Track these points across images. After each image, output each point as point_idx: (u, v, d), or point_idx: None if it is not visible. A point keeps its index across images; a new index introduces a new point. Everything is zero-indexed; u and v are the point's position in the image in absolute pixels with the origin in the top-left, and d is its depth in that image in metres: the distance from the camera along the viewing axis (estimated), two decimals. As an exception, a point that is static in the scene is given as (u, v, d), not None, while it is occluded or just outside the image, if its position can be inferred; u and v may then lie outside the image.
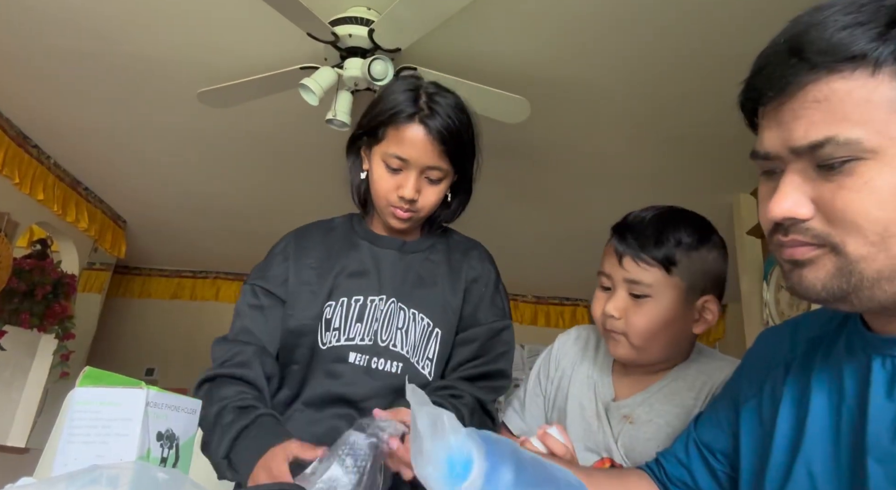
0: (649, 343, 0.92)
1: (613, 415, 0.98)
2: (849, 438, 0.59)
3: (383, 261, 1.10)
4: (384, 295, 1.06)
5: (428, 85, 1.06)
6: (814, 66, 0.53)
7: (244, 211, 4.16)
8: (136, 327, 5.25)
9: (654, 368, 0.99)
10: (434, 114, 1.01)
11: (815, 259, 0.55)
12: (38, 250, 3.92)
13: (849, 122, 0.52)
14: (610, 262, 0.95)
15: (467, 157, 1.09)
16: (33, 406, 3.92)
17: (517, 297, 5.38)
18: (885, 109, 0.51)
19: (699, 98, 2.76)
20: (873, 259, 0.52)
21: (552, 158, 3.38)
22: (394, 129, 1.02)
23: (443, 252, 1.14)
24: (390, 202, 1.05)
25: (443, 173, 1.05)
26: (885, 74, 0.51)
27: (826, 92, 0.53)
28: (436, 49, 2.54)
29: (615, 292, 0.93)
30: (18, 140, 3.44)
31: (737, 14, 2.29)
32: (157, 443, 0.75)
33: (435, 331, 1.05)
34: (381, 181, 1.05)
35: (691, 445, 0.81)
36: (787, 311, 3.11)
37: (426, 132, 1.01)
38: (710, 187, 3.52)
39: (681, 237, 0.91)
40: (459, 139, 1.04)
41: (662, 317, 0.90)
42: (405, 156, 1.02)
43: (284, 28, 2.29)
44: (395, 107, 1.02)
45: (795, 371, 0.68)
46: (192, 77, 2.83)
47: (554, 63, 2.63)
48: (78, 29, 2.61)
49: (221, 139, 3.42)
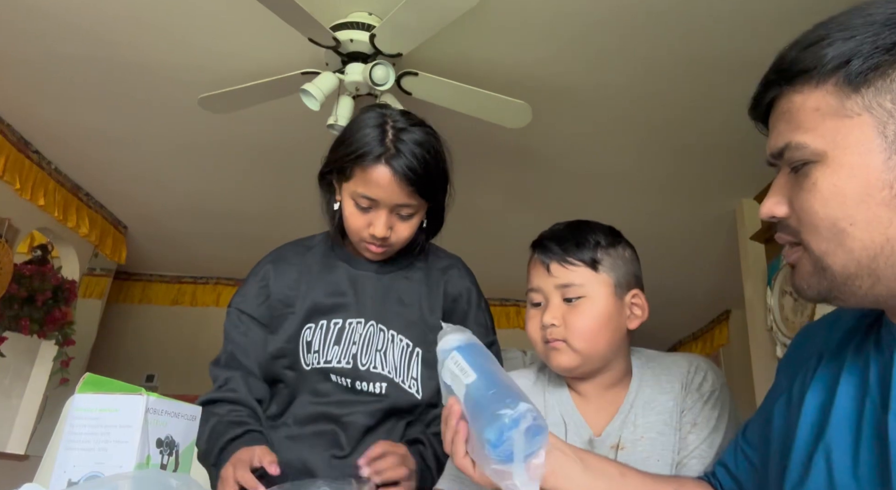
0: (591, 344, 0.92)
1: (601, 449, 0.95)
2: (871, 431, 0.60)
3: (361, 283, 1.11)
4: (363, 318, 1.08)
5: (396, 119, 1.05)
6: (781, 81, 0.60)
7: (245, 216, 4.15)
8: (136, 333, 5.23)
9: (605, 381, 0.97)
10: (400, 153, 1.00)
11: (799, 260, 0.61)
12: (39, 256, 3.92)
13: (801, 130, 0.58)
14: (537, 275, 0.97)
15: (438, 189, 1.09)
16: (33, 412, 3.90)
17: (519, 302, 5.36)
18: (829, 116, 0.57)
19: (702, 105, 2.76)
20: (834, 254, 0.57)
21: (554, 164, 3.38)
22: (360, 170, 1.02)
23: (421, 270, 1.15)
24: (363, 238, 1.06)
25: (414, 209, 1.06)
26: (829, 84, 0.57)
27: (788, 105, 0.60)
28: (437, 54, 2.54)
29: (549, 303, 0.95)
30: (19, 146, 3.44)
31: (742, 22, 2.29)
32: (157, 449, 0.74)
33: (415, 350, 1.07)
34: (352, 218, 1.05)
35: (739, 454, 0.82)
36: (792, 317, 3.10)
37: (393, 173, 1.00)
38: (713, 193, 3.52)
39: (598, 238, 0.97)
40: (427, 176, 1.03)
41: (600, 313, 0.93)
42: (373, 196, 1.02)
43: (286, 33, 2.30)
44: (360, 147, 1.01)
45: (827, 360, 0.69)
46: (193, 82, 2.83)
47: (556, 68, 2.63)
48: (79, 35, 2.61)
49: (222, 144, 3.42)
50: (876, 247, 0.56)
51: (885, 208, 0.55)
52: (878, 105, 0.55)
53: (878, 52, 0.55)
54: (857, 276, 0.57)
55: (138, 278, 5.44)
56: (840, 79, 0.56)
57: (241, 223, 4.28)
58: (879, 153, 0.55)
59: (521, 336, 5.72)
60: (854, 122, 0.56)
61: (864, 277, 0.57)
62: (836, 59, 0.56)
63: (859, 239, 0.56)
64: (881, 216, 0.55)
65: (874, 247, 0.56)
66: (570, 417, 0.98)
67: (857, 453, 0.61)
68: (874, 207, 0.55)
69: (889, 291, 0.57)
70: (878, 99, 0.55)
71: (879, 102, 0.55)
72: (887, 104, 0.55)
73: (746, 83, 0.67)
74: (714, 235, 3.89)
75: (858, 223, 0.56)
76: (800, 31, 0.61)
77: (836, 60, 0.56)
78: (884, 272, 0.56)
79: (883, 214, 0.55)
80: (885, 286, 0.57)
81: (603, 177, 3.49)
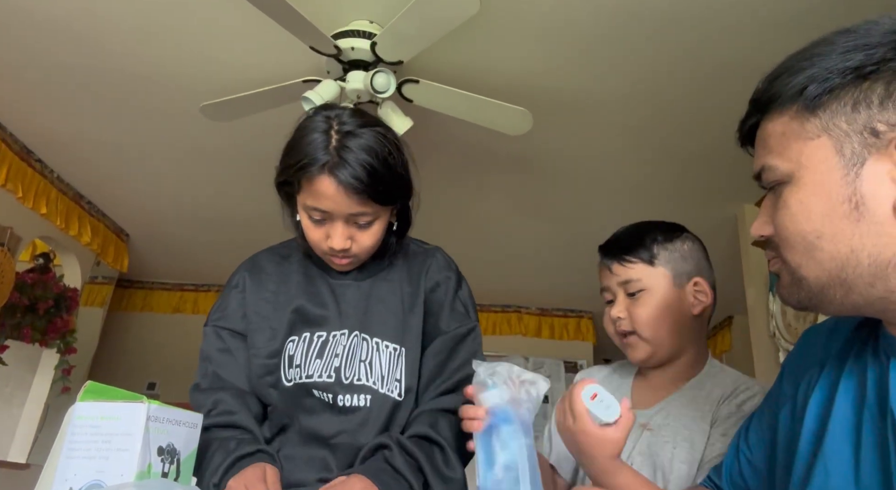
0: (655, 331, 1.01)
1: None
2: (871, 440, 0.61)
3: (341, 292, 1.06)
4: (346, 329, 1.02)
5: (343, 121, 0.96)
6: (755, 111, 0.66)
7: (246, 224, 4.15)
8: (138, 341, 5.23)
9: (674, 371, 1.05)
10: (343, 162, 0.92)
11: (780, 272, 0.65)
12: (41, 264, 3.92)
13: (772, 154, 0.63)
14: (604, 275, 1.07)
15: (393, 192, 0.99)
16: (34, 421, 3.89)
17: (521, 308, 5.35)
18: (793, 139, 0.61)
19: (703, 111, 2.77)
20: (806, 267, 0.61)
21: (556, 170, 3.38)
22: (307, 182, 0.95)
23: (401, 268, 1.09)
24: (324, 252, 1.01)
25: (371, 216, 0.98)
26: (791, 111, 0.62)
27: (762, 132, 0.66)
28: (438, 61, 2.55)
29: (616, 300, 1.05)
30: (22, 154, 3.45)
31: (744, 30, 2.29)
32: (158, 458, 0.74)
33: (401, 351, 1.02)
34: (310, 232, 1.00)
35: (742, 458, 0.83)
36: (794, 323, 3.09)
37: (338, 184, 0.92)
38: (715, 199, 3.52)
39: (655, 236, 1.05)
40: (378, 182, 0.94)
41: (660, 303, 1.01)
42: (324, 208, 0.95)
43: (287, 41, 2.30)
44: (303, 157, 0.94)
45: (828, 369, 0.71)
46: (194, 91, 2.84)
47: (557, 75, 2.64)
48: (82, 44, 2.62)
49: (224, 153, 3.42)
50: (842, 258, 0.59)
51: (847, 221, 0.58)
52: (835, 126, 0.59)
53: (832, 75, 0.59)
54: (830, 287, 0.60)
55: (140, 286, 5.44)
56: (800, 104, 0.61)
57: (242, 231, 4.28)
58: (838, 170, 0.59)
59: (522, 342, 5.67)
60: (815, 144, 0.60)
61: (836, 287, 0.60)
62: (795, 86, 0.61)
63: (827, 251, 0.60)
64: (844, 229, 0.59)
65: (840, 258, 0.59)
66: (619, 394, 1.05)
67: (857, 462, 0.61)
68: (837, 221, 0.59)
69: (864, 300, 0.60)
70: (835, 120, 0.59)
71: (836, 123, 0.59)
72: (843, 125, 0.59)
73: (747, 90, 0.68)
74: (715, 241, 3.88)
75: (825, 236, 0.59)
76: (803, 38, 0.64)
77: (796, 87, 0.61)
78: (854, 282, 0.59)
79: (845, 227, 0.59)
80: (858, 295, 0.60)
81: (604, 183, 3.49)
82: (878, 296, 0.59)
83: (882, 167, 0.57)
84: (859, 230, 0.58)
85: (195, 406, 1.02)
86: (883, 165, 0.57)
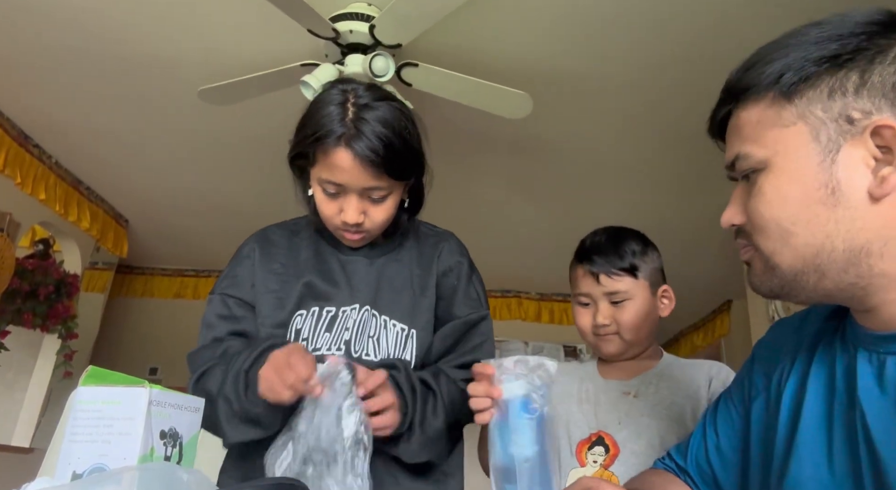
0: (636, 334, 1.12)
1: (610, 393, 1.14)
2: (841, 428, 0.62)
3: (352, 269, 1.05)
4: (356, 304, 1.02)
5: (359, 94, 0.96)
6: (729, 100, 0.67)
7: (246, 209, 4.15)
8: (139, 327, 5.25)
9: (637, 361, 1.16)
10: (360, 134, 0.92)
11: (751, 260, 0.66)
12: (41, 250, 3.93)
13: (747, 141, 0.64)
14: (587, 284, 1.14)
15: (409, 167, 1.00)
16: (37, 406, 3.92)
17: (521, 293, 5.37)
18: (769, 127, 0.62)
19: (703, 97, 2.74)
20: (781, 253, 0.62)
21: (556, 154, 3.37)
22: (322, 154, 0.95)
23: (412, 249, 1.09)
24: (336, 226, 1.00)
25: (385, 191, 0.98)
26: (767, 98, 0.62)
27: (736, 120, 0.66)
28: (437, 45, 2.53)
29: (597, 305, 1.13)
30: (20, 140, 3.44)
31: (748, 14, 2.27)
32: (161, 441, 0.74)
33: (410, 332, 1.02)
34: (323, 206, 1.00)
35: (710, 445, 0.82)
36: (793, 307, 3.10)
37: (354, 156, 0.92)
38: (716, 184, 3.50)
39: (633, 248, 1.13)
40: (394, 155, 0.94)
41: (642, 311, 1.12)
42: (339, 181, 0.95)
43: (285, 25, 2.29)
44: (319, 129, 0.94)
45: (799, 363, 0.71)
46: (193, 76, 2.82)
47: (557, 58, 2.62)
48: (78, 28, 2.60)
49: (223, 138, 3.41)
50: (818, 243, 0.60)
51: (822, 207, 0.60)
52: (811, 113, 0.60)
53: (807, 64, 0.60)
54: (804, 272, 0.61)
55: (140, 272, 5.45)
56: (776, 92, 0.62)
57: (241, 216, 4.27)
58: (815, 157, 0.60)
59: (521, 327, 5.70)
60: (791, 131, 0.61)
61: (809, 273, 0.61)
62: (771, 75, 0.62)
63: (802, 237, 0.61)
64: (820, 214, 0.60)
65: (816, 243, 0.60)
66: (587, 372, 1.19)
67: (830, 450, 0.63)
68: (813, 206, 0.60)
69: (836, 286, 0.61)
70: (811, 108, 0.60)
71: (811, 111, 0.60)
72: (819, 112, 0.60)
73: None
74: (714, 226, 3.83)
75: (800, 222, 0.61)
76: (811, 19, 0.64)
77: (772, 76, 0.62)
78: (828, 267, 0.60)
79: (821, 213, 0.60)
80: (831, 281, 0.61)
81: (604, 168, 3.48)
82: (849, 282, 0.60)
83: (857, 153, 0.59)
84: (835, 215, 0.59)
85: (191, 368, 0.99)
86: (858, 152, 0.58)
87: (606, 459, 1.05)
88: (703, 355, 5.16)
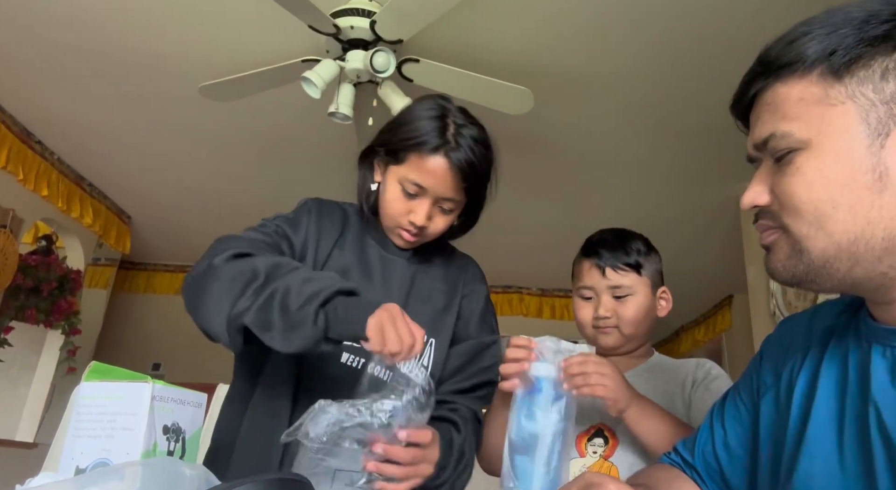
0: (635, 330, 1.15)
1: None
2: (854, 423, 0.61)
3: (391, 268, 1.10)
4: (388, 301, 1.03)
5: (456, 113, 1.06)
6: (765, 74, 0.63)
7: (248, 205, 4.15)
8: (141, 322, 5.27)
9: (631, 357, 1.19)
10: (459, 147, 1.02)
11: (776, 242, 0.63)
12: (43, 246, 3.94)
13: (786, 119, 0.60)
14: (591, 277, 1.17)
15: (483, 188, 1.10)
16: (41, 401, 3.94)
17: (522, 289, 5.37)
18: (814, 104, 0.59)
19: (704, 91, 2.74)
20: (814, 238, 0.59)
21: (557, 150, 3.37)
22: (417, 157, 1.02)
23: (440, 266, 1.15)
24: (399, 224, 1.05)
25: (456, 204, 1.07)
26: (813, 75, 0.59)
27: (773, 96, 0.62)
28: (438, 40, 2.53)
29: (599, 299, 1.16)
30: (22, 136, 3.45)
31: (749, 7, 2.27)
32: (164, 436, 0.75)
33: (430, 340, 1.06)
34: (395, 203, 1.04)
35: (718, 441, 0.82)
36: (795, 302, 3.10)
37: (449, 166, 1.01)
38: (716, 178, 3.50)
39: (638, 247, 1.18)
40: (480, 173, 1.05)
41: (642, 307, 1.15)
42: (424, 184, 1.02)
43: (286, 20, 2.28)
44: (422, 135, 1.02)
45: (810, 359, 0.70)
46: (194, 72, 2.82)
47: (558, 53, 2.61)
48: (80, 25, 2.60)
49: (225, 134, 3.41)
50: (857, 230, 0.58)
51: (868, 191, 0.57)
52: (861, 94, 0.57)
53: (860, 44, 0.58)
54: (837, 259, 0.59)
55: (143, 268, 5.46)
56: (824, 69, 0.59)
57: (244, 212, 4.28)
58: (863, 139, 0.57)
59: (523, 323, 5.70)
60: (838, 110, 0.58)
61: (843, 260, 0.59)
62: (819, 52, 0.59)
63: (842, 222, 0.58)
64: (864, 199, 0.57)
65: (856, 230, 0.58)
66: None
67: (841, 447, 0.62)
68: (858, 191, 0.57)
69: (866, 274, 0.59)
70: (861, 88, 0.58)
71: (862, 91, 0.57)
72: (869, 93, 0.57)
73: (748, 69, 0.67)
74: (716, 220, 3.88)
75: (841, 206, 0.58)
76: (810, 15, 0.63)
77: (820, 52, 0.59)
78: (863, 255, 0.58)
79: (865, 197, 0.57)
80: (862, 269, 0.59)
81: (606, 163, 3.47)
82: (881, 271, 0.59)
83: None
84: (880, 202, 0.57)
85: (219, 248, 0.94)
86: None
87: (606, 450, 1.08)
88: (704, 350, 5.16)
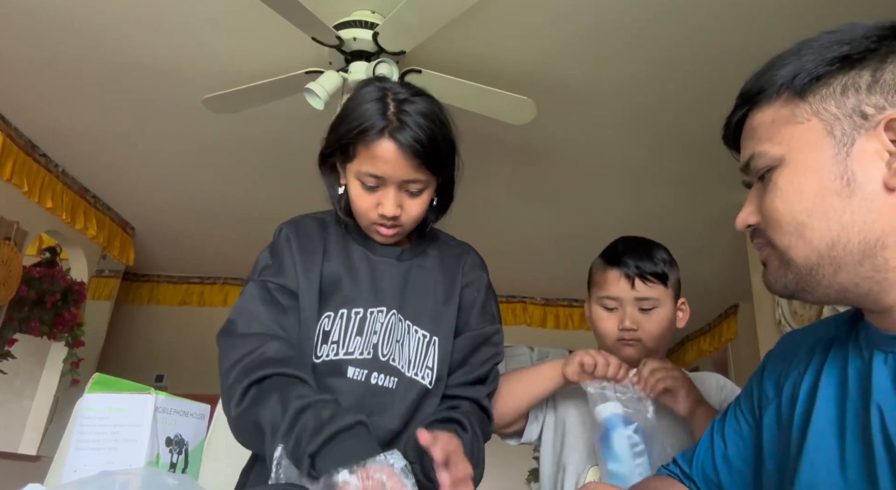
0: (658, 342, 1.13)
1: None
2: (855, 430, 0.62)
3: (380, 270, 1.05)
4: (384, 307, 1.01)
5: (396, 90, 0.98)
6: (744, 105, 0.69)
7: (252, 216, 4.16)
8: (145, 334, 5.26)
9: None
10: (404, 126, 0.94)
11: (768, 258, 0.67)
12: (47, 258, 3.95)
13: (762, 140, 0.66)
14: (619, 287, 1.13)
15: (446, 161, 1.02)
16: (44, 413, 3.93)
17: (526, 299, 5.36)
18: (783, 124, 0.64)
19: (706, 99, 2.75)
20: (796, 247, 0.63)
21: (559, 159, 3.37)
22: (364, 147, 0.96)
23: (435, 258, 1.10)
24: (372, 220, 1.01)
25: (423, 184, 1.00)
26: (781, 98, 0.65)
27: (751, 122, 0.68)
28: (440, 51, 2.54)
29: (624, 310, 1.12)
30: (27, 149, 3.46)
31: (748, 16, 2.27)
32: (167, 448, 0.75)
33: (433, 340, 1.02)
34: (360, 200, 1.00)
35: (718, 455, 0.82)
36: (801, 310, 3.08)
37: (397, 147, 0.94)
38: (719, 187, 3.50)
39: (663, 256, 1.15)
40: (435, 147, 0.97)
41: (666, 320, 1.13)
42: (380, 173, 0.96)
43: (289, 32, 2.30)
44: (362, 122, 0.95)
45: (811, 371, 0.71)
46: (198, 83, 2.84)
47: (560, 62, 2.62)
48: (85, 37, 2.62)
49: (228, 145, 3.43)
50: (833, 235, 0.61)
51: (838, 197, 0.61)
52: (825, 109, 0.62)
53: (820, 65, 0.63)
54: (820, 266, 0.62)
55: (146, 279, 5.46)
56: (790, 92, 0.64)
57: (247, 223, 4.29)
58: (829, 150, 0.62)
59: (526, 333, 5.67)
60: (805, 127, 0.63)
61: (825, 266, 0.62)
62: (785, 77, 0.65)
63: (817, 229, 0.62)
64: (835, 205, 0.61)
65: (832, 235, 0.61)
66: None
67: (843, 455, 0.62)
68: (829, 197, 0.61)
69: (851, 279, 0.62)
70: (824, 105, 0.62)
71: (825, 107, 0.62)
72: (832, 108, 0.62)
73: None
74: (721, 229, 3.87)
75: (815, 214, 0.62)
76: (805, 25, 0.68)
77: (786, 77, 0.65)
78: (843, 259, 0.61)
79: (836, 203, 0.61)
80: (846, 274, 0.62)
81: (608, 172, 3.47)
82: (865, 275, 0.61)
83: (871, 147, 0.60)
84: (850, 206, 0.60)
85: (225, 353, 0.90)
86: (872, 145, 0.60)
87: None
88: (710, 359, 5.14)
